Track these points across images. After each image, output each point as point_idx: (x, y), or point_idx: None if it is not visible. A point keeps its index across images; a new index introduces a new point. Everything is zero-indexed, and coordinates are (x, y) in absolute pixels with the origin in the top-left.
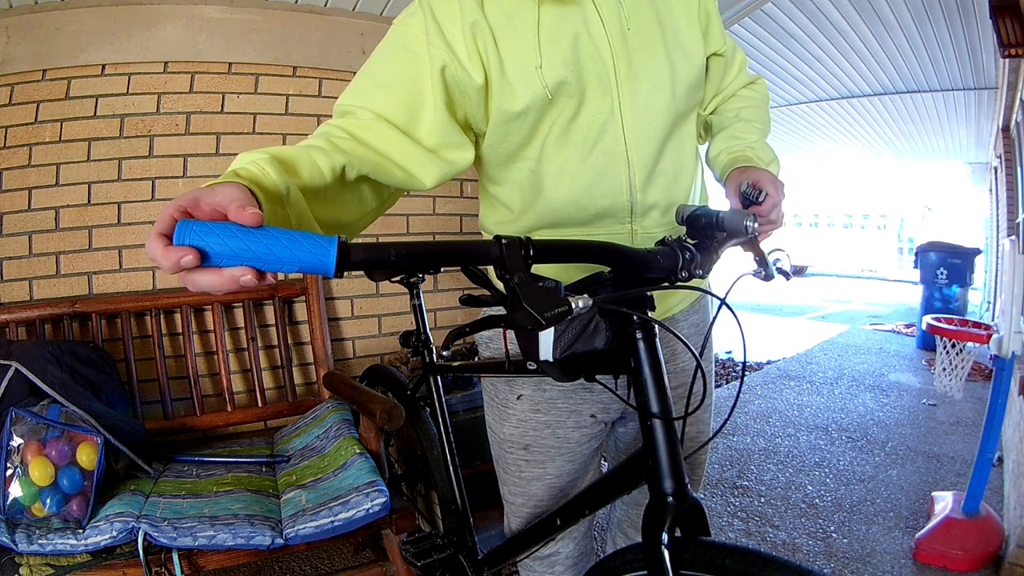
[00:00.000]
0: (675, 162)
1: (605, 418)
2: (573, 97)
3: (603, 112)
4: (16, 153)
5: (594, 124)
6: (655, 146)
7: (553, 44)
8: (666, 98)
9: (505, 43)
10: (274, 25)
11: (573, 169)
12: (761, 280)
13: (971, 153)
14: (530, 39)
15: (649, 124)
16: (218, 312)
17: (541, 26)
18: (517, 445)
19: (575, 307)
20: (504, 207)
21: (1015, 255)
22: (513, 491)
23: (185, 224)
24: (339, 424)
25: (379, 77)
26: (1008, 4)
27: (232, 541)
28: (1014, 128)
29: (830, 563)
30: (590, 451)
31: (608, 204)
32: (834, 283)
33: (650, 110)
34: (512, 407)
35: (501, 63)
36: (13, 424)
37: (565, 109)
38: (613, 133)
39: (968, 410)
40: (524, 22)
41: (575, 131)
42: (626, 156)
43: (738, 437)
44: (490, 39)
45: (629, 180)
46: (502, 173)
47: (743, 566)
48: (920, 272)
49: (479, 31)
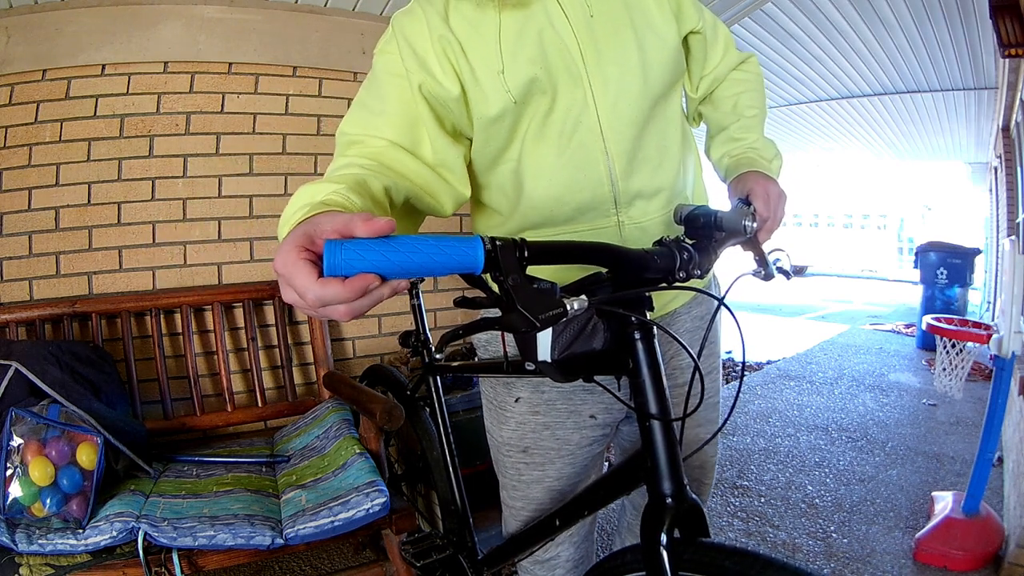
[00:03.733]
0: (657, 147)
1: (607, 419)
2: (546, 93)
3: (576, 104)
4: (16, 153)
5: (568, 117)
6: (632, 132)
7: (517, 46)
8: (638, 82)
9: (473, 52)
10: (274, 25)
11: (550, 165)
12: (761, 280)
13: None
14: (492, 44)
15: (623, 110)
16: (218, 312)
17: (503, 31)
18: (516, 448)
19: (570, 308)
20: (494, 212)
21: (1015, 255)
22: (512, 495)
23: (335, 244)
24: (339, 424)
25: (373, 106)
26: (1008, 4)
27: (232, 541)
28: (1014, 128)
29: (830, 563)
30: (591, 454)
31: (589, 197)
32: (834, 283)
33: (623, 95)
34: (510, 410)
35: (472, 71)
36: (13, 424)
37: (540, 106)
38: (588, 124)
39: (968, 410)
40: (487, 29)
41: (551, 126)
42: (603, 146)
43: (738, 437)
44: (459, 50)
45: (609, 170)
46: (488, 178)
47: (742, 567)
48: (920, 272)
49: (447, 44)
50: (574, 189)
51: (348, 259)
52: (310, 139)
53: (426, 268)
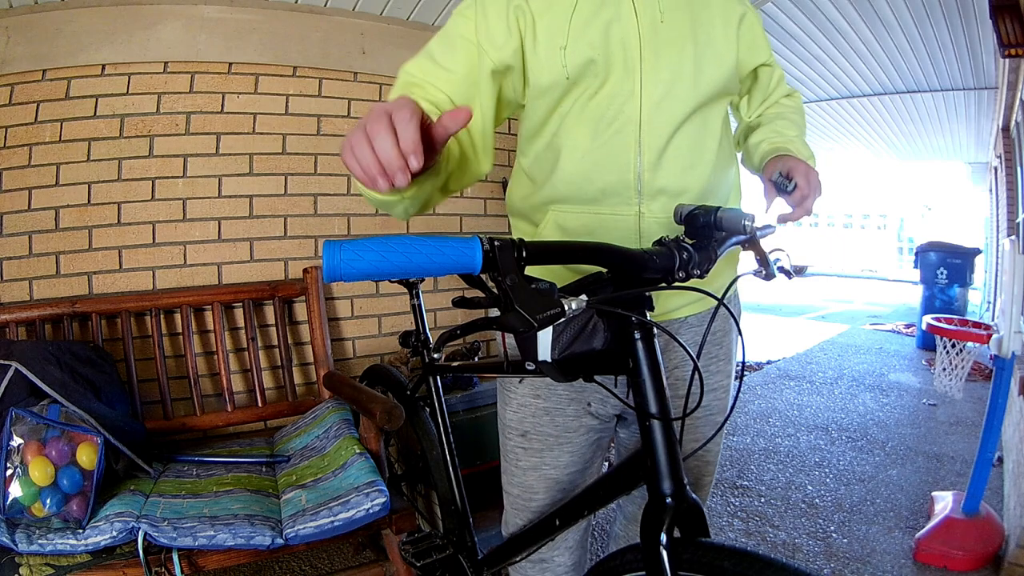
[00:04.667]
0: (691, 148)
1: (602, 411)
2: (599, 76)
3: (623, 93)
4: (16, 153)
5: (612, 104)
6: (669, 130)
7: (584, 28)
8: (686, 90)
9: (542, 23)
10: (274, 25)
11: (585, 145)
12: (762, 279)
13: (971, 153)
14: (563, 22)
15: (666, 109)
16: (218, 312)
17: (576, 11)
18: (516, 431)
19: (568, 308)
20: (528, 180)
21: (1015, 255)
22: (511, 481)
23: (334, 245)
24: (339, 424)
25: (443, 60)
26: (1008, 4)
27: (232, 541)
28: (1014, 128)
29: (830, 563)
30: (588, 444)
31: (614, 180)
32: (834, 283)
33: (669, 97)
34: (514, 390)
35: (535, 42)
36: (13, 424)
37: (589, 88)
38: (629, 113)
39: (968, 410)
40: (563, 6)
41: (592, 109)
42: (638, 136)
43: (738, 437)
44: (530, 20)
45: (638, 159)
46: (529, 146)
47: (741, 568)
48: (920, 272)
49: (521, 13)
50: (603, 170)
51: (347, 259)
52: (310, 139)
53: (425, 268)
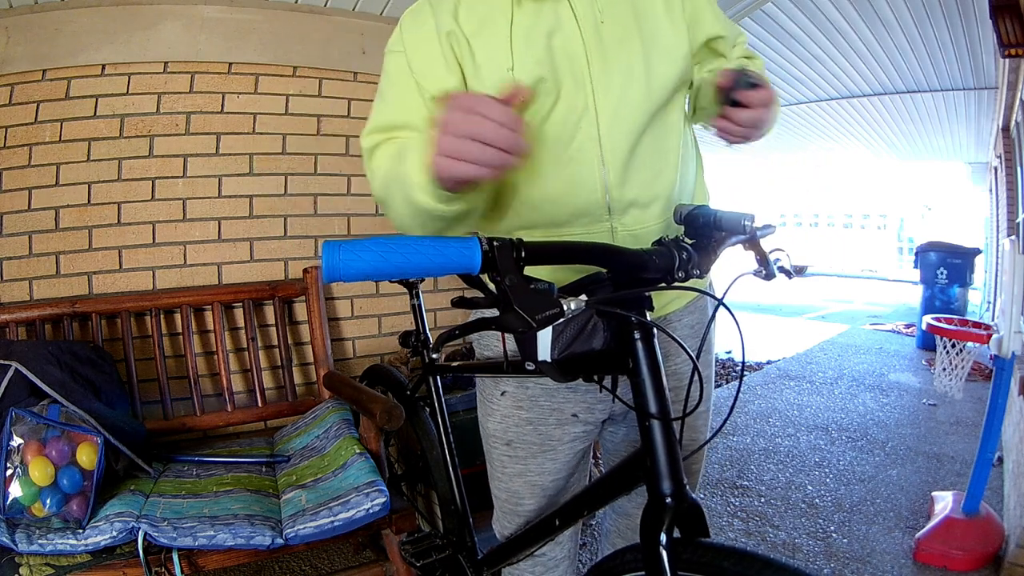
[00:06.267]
0: (654, 156)
1: (589, 418)
2: (551, 95)
3: (577, 108)
4: (16, 153)
5: (568, 121)
6: (630, 141)
7: (526, 45)
8: (641, 91)
9: (479, 45)
10: (274, 25)
11: (546, 168)
12: (762, 279)
13: (971, 153)
14: (502, 40)
15: (623, 119)
16: (218, 312)
17: (515, 27)
18: (500, 440)
19: (567, 309)
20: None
21: (1015, 255)
22: (498, 486)
23: (333, 245)
24: (339, 424)
25: (394, 102)
26: (1008, 4)
27: (232, 541)
28: (1014, 128)
29: (830, 563)
30: (573, 451)
31: (584, 202)
32: (834, 283)
33: (624, 104)
34: (496, 403)
35: (476, 67)
36: (13, 424)
37: (541, 108)
38: (587, 130)
39: (968, 410)
40: (498, 25)
41: (549, 129)
42: (600, 153)
43: (738, 437)
44: (464, 45)
45: (603, 177)
46: None
47: (741, 568)
48: (920, 272)
49: (455, 40)
50: (570, 193)
51: (347, 259)
52: (310, 139)
53: (424, 268)
